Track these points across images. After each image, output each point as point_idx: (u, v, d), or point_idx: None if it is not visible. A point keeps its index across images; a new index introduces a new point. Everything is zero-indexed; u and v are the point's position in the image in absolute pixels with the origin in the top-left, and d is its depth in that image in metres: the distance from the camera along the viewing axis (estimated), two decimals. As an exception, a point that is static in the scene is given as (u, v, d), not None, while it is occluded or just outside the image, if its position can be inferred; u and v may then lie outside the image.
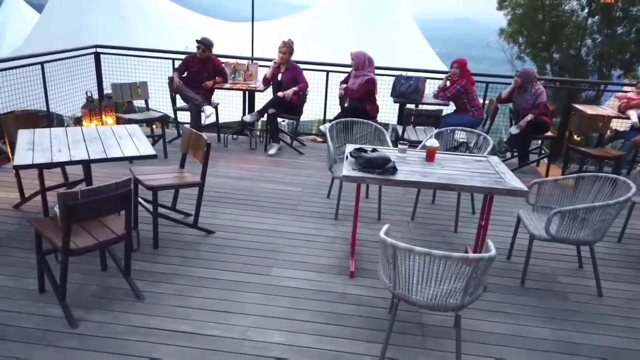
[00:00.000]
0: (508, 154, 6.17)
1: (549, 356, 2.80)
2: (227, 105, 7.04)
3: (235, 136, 6.70)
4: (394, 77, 6.21)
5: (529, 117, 5.53)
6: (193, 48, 6.09)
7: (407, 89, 5.96)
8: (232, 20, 14.48)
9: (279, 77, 6.03)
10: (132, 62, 6.92)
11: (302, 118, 6.43)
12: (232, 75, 6.39)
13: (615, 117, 5.93)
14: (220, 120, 6.51)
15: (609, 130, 5.91)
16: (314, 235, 4.07)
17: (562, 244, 3.45)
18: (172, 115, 6.42)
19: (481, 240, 3.49)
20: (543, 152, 6.68)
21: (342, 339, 2.83)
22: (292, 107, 5.98)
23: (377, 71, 5.91)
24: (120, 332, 2.77)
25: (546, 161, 6.13)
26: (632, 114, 5.71)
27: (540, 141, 6.76)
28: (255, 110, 6.22)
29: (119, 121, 5.47)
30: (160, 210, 3.85)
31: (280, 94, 5.87)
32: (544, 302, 3.32)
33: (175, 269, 3.44)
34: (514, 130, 5.65)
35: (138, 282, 3.19)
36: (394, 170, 3.14)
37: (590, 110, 6.14)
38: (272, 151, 6.08)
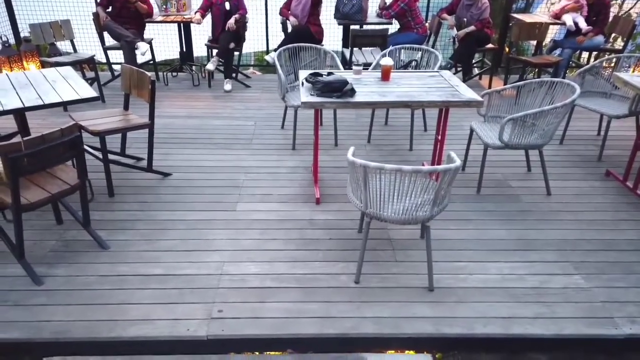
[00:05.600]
0: (452, 70, 6.23)
1: (509, 254, 3.00)
2: (162, 41, 6.58)
3: (175, 73, 6.35)
4: (336, -2, 5.97)
5: (470, 28, 5.60)
6: None
7: (350, 10, 5.77)
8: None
9: (227, 5, 5.61)
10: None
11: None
12: (164, 7, 5.93)
13: (551, 24, 6.08)
14: (157, 58, 6.10)
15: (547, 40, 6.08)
16: (274, 167, 4.02)
17: (511, 150, 3.60)
18: (103, 56, 5.94)
19: (439, 154, 3.59)
20: (484, 65, 6.80)
21: (316, 262, 2.90)
22: (237, 36, 5.68)
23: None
24: (90, 282, 2.69)
25: (489, 74, 6.26)
26: (567, 18, 5.85)
27: (481, 55, 6.85)
28: (213, 55, 5.88)
29: (44, 66, 5.00)
30: (110, 156, 3.65)
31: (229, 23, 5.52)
32: (499, 206, 3.52)
33: (136, 215, 3.32)
34: (453, 32, 5.85)
35: (99, 231, 3.07)
36: (352, 92, 3.09)
37: (528, 18, 6.24)
38: (228, 87, 5.83)
